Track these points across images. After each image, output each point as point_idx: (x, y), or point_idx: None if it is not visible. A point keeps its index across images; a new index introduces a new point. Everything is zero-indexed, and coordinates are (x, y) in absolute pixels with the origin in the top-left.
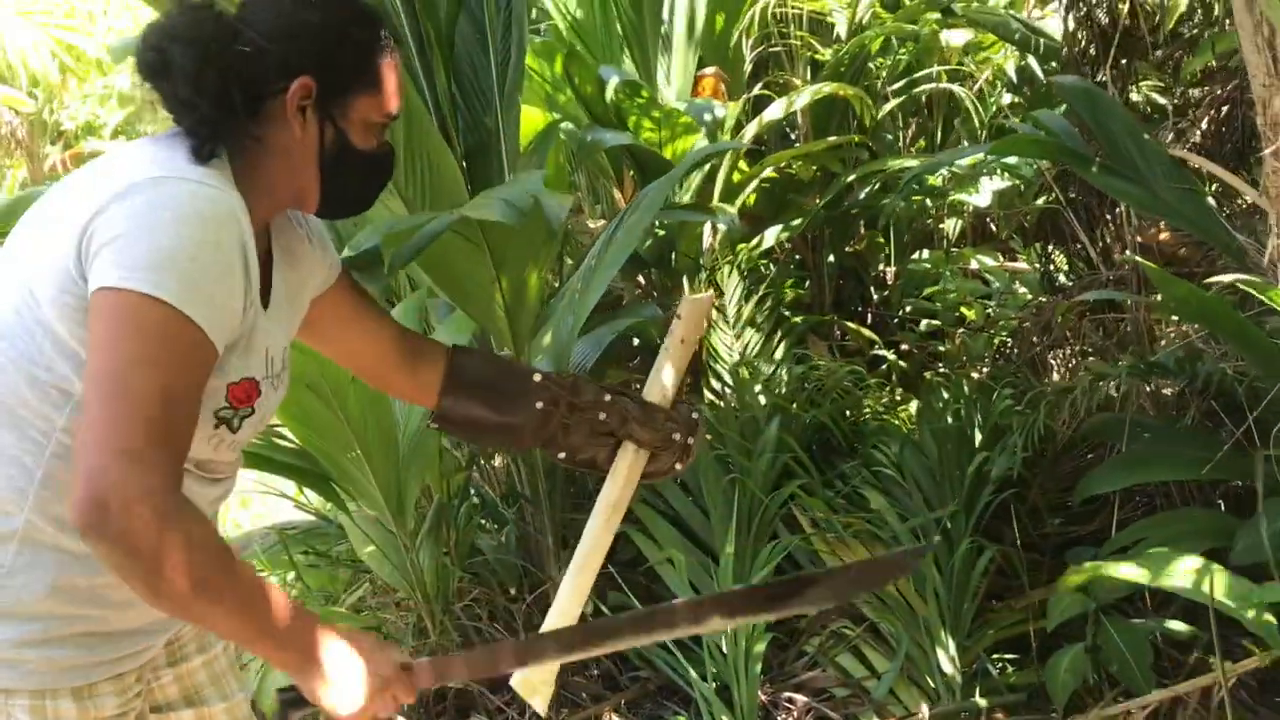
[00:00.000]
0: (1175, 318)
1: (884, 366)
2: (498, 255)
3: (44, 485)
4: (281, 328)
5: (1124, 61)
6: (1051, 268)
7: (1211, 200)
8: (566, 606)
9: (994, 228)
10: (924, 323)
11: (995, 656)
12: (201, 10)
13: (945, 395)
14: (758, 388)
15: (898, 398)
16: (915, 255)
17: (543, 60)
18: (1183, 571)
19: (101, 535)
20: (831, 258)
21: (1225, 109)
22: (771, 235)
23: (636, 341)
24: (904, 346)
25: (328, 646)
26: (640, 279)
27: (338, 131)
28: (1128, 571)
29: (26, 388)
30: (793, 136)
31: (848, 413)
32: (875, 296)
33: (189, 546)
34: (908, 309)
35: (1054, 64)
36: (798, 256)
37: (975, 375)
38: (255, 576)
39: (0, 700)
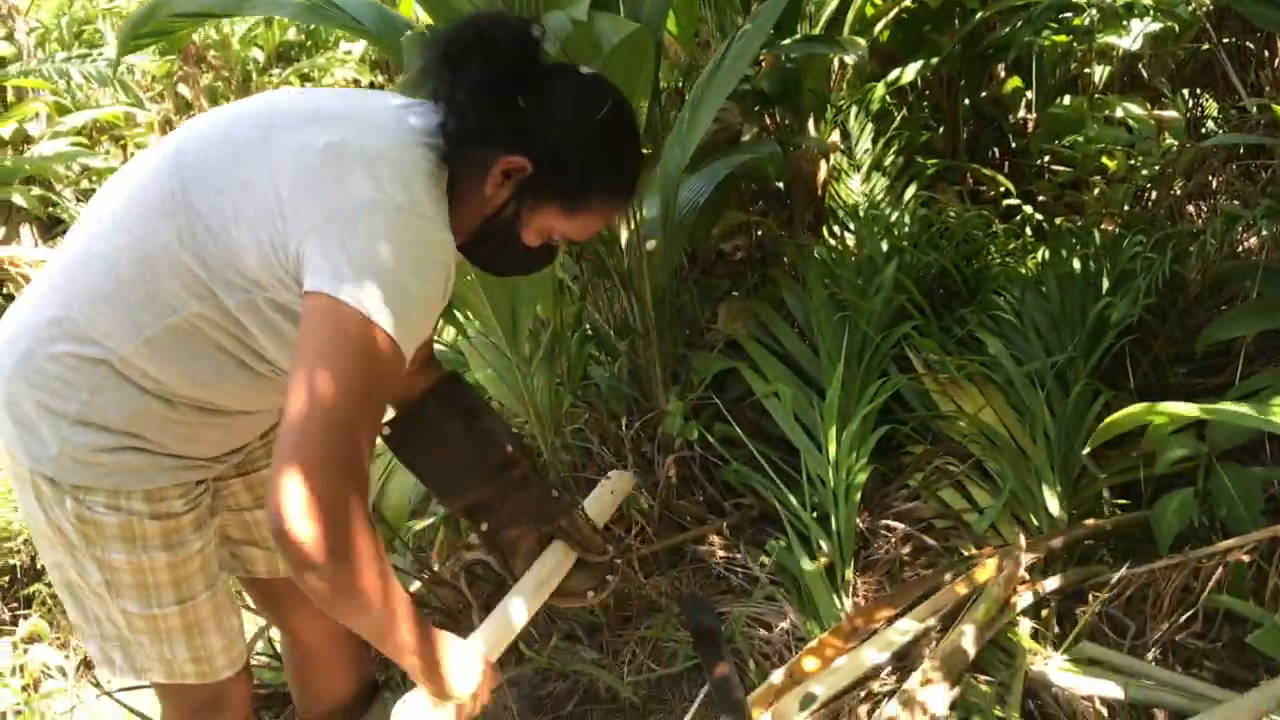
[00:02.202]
0: None
1: (1017, 217)
2: None
3: (148, 345)
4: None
5: None
6: (1201, 114)
7: None
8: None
9: (1144, 74)
10: (1062, 171)
11: (1105, 501)
12: (525, 41)
13: (1074, 242)
14: (878, 230)
15: (1026, 246)
16: (1057, 102)
17: None
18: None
19: (290, 541)
20: (967, 101)
21: None
22: (910, 71)
23: (755, 187)
24: (1040, 197)
25: (446, 649)
26: (765, 118)
27: (515, 217)
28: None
29: (183, 269)
30: None
31: (971, 260)
32: (1013, 144)
33: (365, 560)
34: (1046, 158)
35: None
36: (930, 100)
37: (1109, 226)
38: (403, 597)
39: (80, 495)
